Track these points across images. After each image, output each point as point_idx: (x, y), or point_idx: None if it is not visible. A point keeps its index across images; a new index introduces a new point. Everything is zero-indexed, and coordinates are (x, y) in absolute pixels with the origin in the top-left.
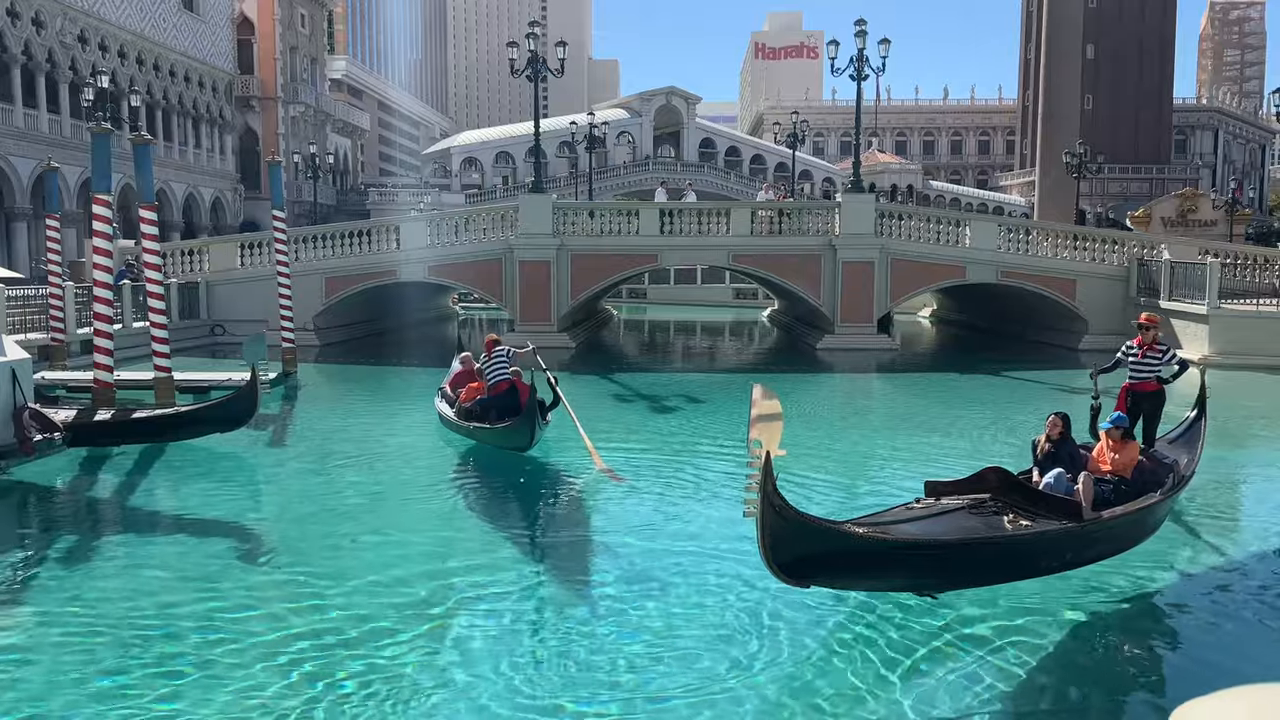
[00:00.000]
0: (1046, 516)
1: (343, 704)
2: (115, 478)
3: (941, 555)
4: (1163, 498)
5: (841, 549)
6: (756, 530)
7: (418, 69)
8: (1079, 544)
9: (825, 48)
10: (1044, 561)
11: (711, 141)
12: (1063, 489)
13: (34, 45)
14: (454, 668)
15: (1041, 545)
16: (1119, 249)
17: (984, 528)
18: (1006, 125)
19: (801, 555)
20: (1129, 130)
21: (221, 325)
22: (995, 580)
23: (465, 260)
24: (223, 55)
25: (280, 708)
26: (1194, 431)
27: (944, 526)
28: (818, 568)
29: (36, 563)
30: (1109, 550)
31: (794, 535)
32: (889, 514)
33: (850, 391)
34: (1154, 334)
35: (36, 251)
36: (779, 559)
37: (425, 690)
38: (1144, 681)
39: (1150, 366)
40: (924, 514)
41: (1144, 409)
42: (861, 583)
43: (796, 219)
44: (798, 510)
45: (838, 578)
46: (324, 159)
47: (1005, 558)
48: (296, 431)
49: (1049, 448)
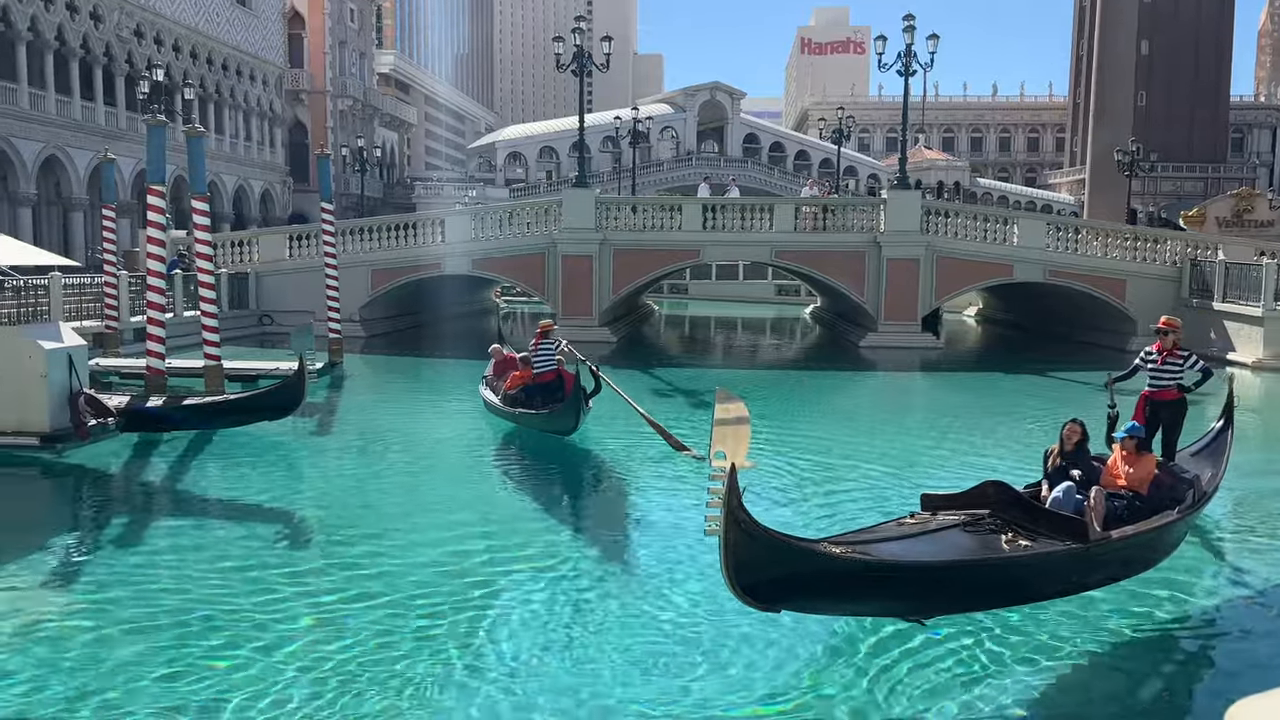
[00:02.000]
0: (1049, 536)
1: (391, 684)
2: (165, 462)
3: (926, 578)
4: (1180, 516)
5: (815, 570)
6: (719, 550)
7: (464, 63)
8: (1084, 566)
9: (872, 43)
10: (1044, 585)
11: (756, 137)
12: (1072, 504)
13: (92, 39)
14: (501, 652)
15: (1041, 567)
16: (1171, 249)
17: (977, 547)
18: (1056, 122)
19: (770, 577)
20: (1184, 128)
21: (270, 315)
22: (989, 605)
23: (508, 254)
24: (273, 49)
25: (328, 689)
26: (1219, 443)
27: (933, 546)
28: (789, 591)
29: (89, 544)
30: (1119, 573)
31: (762, 555)
32: (875, 530)
33: (891, 390)
34: (1174, 338)
35: (92, 241)
36: (744, 581)
37: (473, 674)
38: (1187, 685)
39: (1170, 373)
40: (914, 531)
41: (1163, 418)
42: (839, 607)
43: (841, 215)
44: (766, 528)
45: (811, 602)
46: (371, 152)
47: (1000, 581)
48: (342, 420)
49: (1061, 460)
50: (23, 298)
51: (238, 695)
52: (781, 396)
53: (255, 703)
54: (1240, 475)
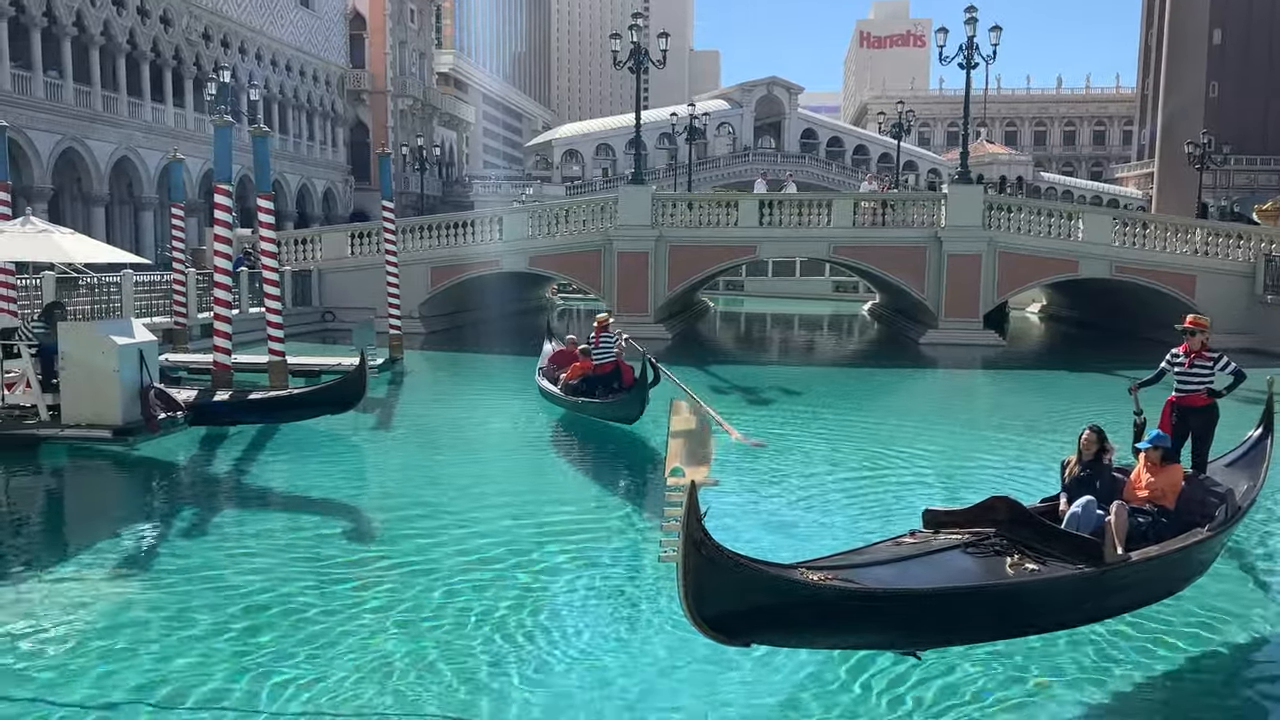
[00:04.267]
0: (1060, 558)
1: (452, 675)
2: (231, 455)
3: (918, 607)
4: (1211, 534)
5: (791, 600)
6: (677, 579)
7: (521, 62)
8: (1099, 592)
9: (933, 35)
10: (1053, 614)
11: (813, 132)
12: (1092, 520)
13: (162, 42)
14: (557, 646)
15: (1049, 594)
16: (1244, 244)
17: (979, 571)
18: (1124, 115)
19: (738, 608)
20: (1258, 119)
21: (332, 312)
22: (991, 636)
23: (565, 251)
24: (336, 50)
25: (391, 679)
26: (1257, 453)
27: (928, 570)
28: (761, 622)
29: (159, 534)
30: (1139, 599)
31: (727, 584)
32: (866, 552)
33: (948, 388)
34: (1202, 339)
35: (162, 239)
36: (706, 613)
37: (531, 668)
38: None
39: (1199, 377)
40: (910, 552)
41: (1192, 426)
42: (819, 640)
43: (900, 210)
44: (732, 553)
45: (788, 634)
46: (430, 151)
47: (1002, 610)
48: (402, 414)
49: (1079, 471)
50: (96, 295)
51: (304, 682)
52: (836, 393)
53: (320, 690)
54: None
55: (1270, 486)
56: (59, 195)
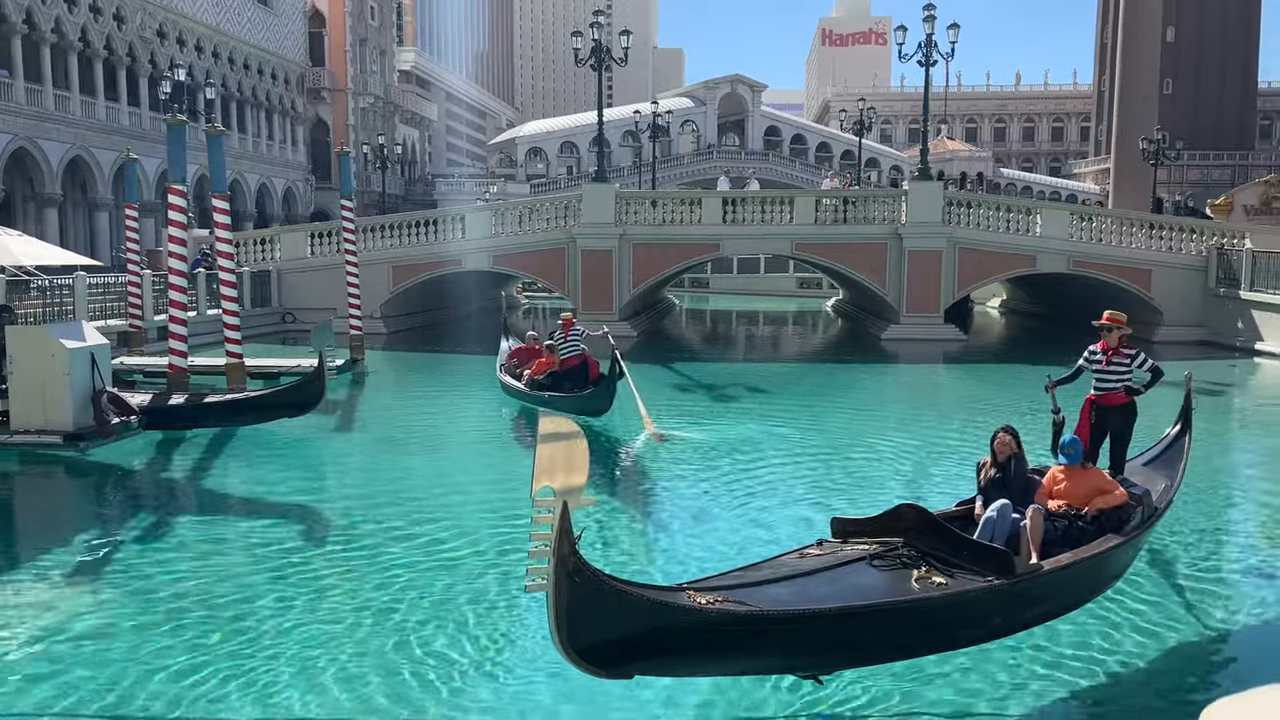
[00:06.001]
0: (970, 569)
1: (413, 677)
2: (188, 460)
3: (815, 629)
4: (1127, 538)
5: (676, 626)
6: (547, 609)
7: (484, 59)
8: (1011, 604)
9: (893, 33)
10: (963, 630)
11: (777, 129)
12: (1007, 525)
13: (115, 40)
14: (526, 643)
15: (957, 609)
16: (1198, 238)
17: (883, 587)
18: (1081, 111)
19: (616, 638)
20: (1211, 115)
21: (292, 313)
22: (898, 656)
23: (528, 249)
24: (294, 47)
25: (351, 683)
26: (1175, 451)
27: (829, 586)
28: (642, 651)
29: (113, 541)
30: (1055, 609)
31: (603, 612)
32: (764, 567)
33: (910, 383)
34: (1119, 335)
35: (117, 240)
36: (579, 643)
37: (498, 668)
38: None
39: (1117, 374)
40: (813, 566)
41: (1110, 425)
42: (709, 667)
43: (862, 207)
44: (609, 577)
45: (674, 663)
46: (392, 149)
47: (906, 628)
48: (363, 416)
49: (994, 474)
50: (48, 297)
51: (261, 688)
52: (797, 390)
53: (280, 696)
54: (1238, 470)
55: (1188, 485)
56: (10, 196)
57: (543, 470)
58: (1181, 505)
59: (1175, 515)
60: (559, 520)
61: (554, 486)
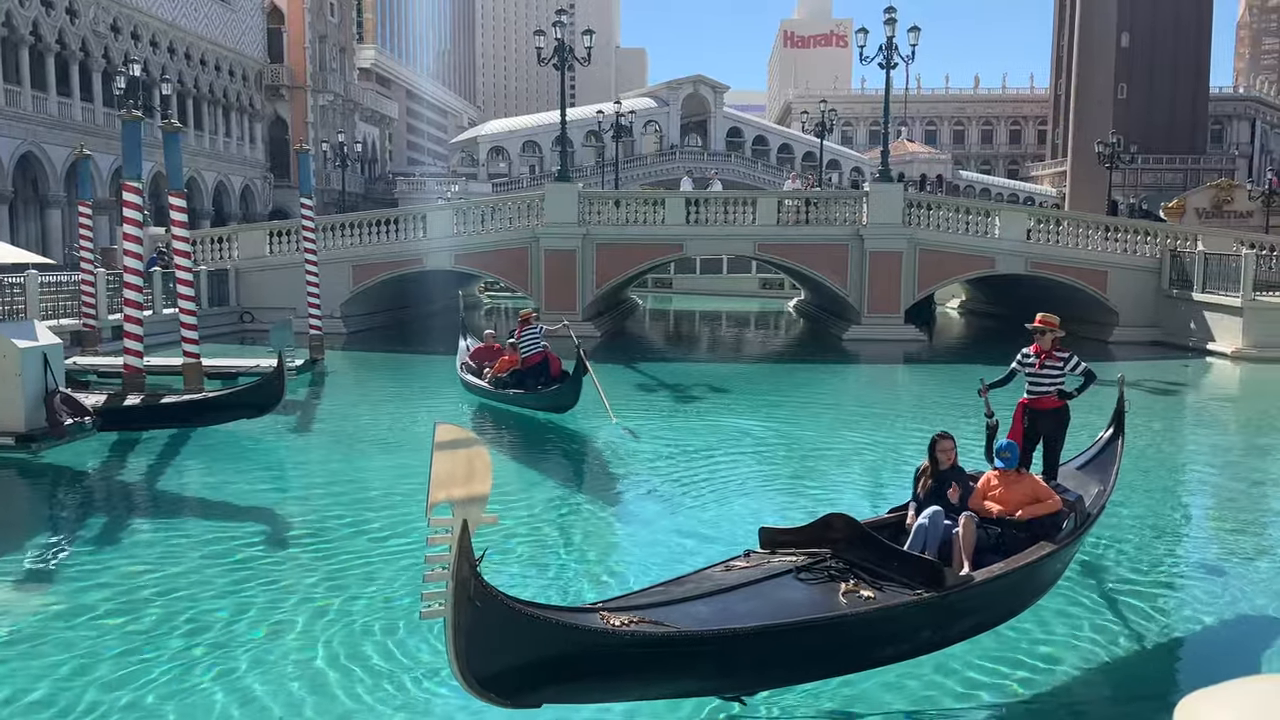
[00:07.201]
0: (898, 581)
1: (368, 682)
2: (144, 461)
3: (734, 649)
4: (1059, 546)
5: (588, 651)
6: (445, 636)
7: (446, 58)
8: (940, 618)
9: (854, 36)
10: (890, 646)
11: (739, 130)
12: (940, 533)
13: (68, 34)
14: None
15: (884, 625)
16: (1152, 240)
17: (808, 602)
18: (1038, 114)
19: (520, 664)
20: (1163, 119)
21: (250, 312)
22: (820, 674)
23: (491, 249)
24: (253, 44)
25: (308, 686)
26: (1108, 455)
27: (752, 602)
28: (551, 680)
29: (66, 544)
30: (986, 620)
31: (506, 638)
32: (688, 581)
33: (869, 383)
34: (1053, 338)
35: (70, 238)
36: (481, 673)
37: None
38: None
39: (1050, 377)
40: (737, 580)
41: (1043, 429)
42: (626, 693)
43: (823, 208)
44: (513, 600)
45: (587, 690)
46: (352, 148)
47: (832, 645)
48: (322, 416)
49: (931, 483)
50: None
51: (217, 693)
52: (756, 389)
53: (233, 700)
54: (1190, 468)
55: (1141, 483)
56: None
57: (440, 484)
58: (1135, 503)
59: (1127, 513)
60: (458, 539)
61: (453, 501)
